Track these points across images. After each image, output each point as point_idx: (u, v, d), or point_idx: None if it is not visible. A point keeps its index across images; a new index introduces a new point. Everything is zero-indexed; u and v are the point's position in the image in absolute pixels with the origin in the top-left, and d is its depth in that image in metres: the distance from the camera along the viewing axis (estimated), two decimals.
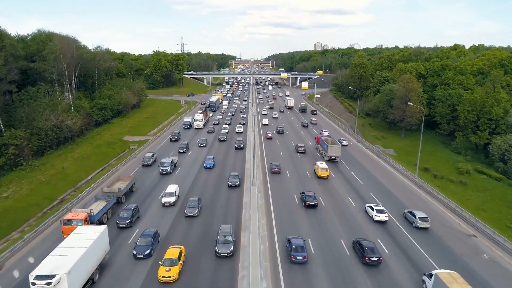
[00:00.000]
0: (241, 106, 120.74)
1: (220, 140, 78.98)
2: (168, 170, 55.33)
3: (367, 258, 30.95)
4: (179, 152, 68.03)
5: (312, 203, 42.89)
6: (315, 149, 72.14)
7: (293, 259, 31.08)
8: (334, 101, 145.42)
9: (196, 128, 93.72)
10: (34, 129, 62.02)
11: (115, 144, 76.80)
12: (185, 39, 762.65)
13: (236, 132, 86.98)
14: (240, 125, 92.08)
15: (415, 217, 39.34)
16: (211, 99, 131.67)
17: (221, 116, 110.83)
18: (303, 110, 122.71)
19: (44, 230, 37.96)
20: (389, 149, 75.64)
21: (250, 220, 38.95)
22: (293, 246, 31.72)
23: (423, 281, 28.79)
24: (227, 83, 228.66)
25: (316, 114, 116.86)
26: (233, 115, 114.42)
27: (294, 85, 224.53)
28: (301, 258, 31.05)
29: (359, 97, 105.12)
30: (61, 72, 79.96)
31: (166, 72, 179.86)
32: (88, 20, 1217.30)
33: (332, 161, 62.90)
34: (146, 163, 60.45)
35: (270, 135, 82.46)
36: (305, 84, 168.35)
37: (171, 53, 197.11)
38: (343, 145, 72.87)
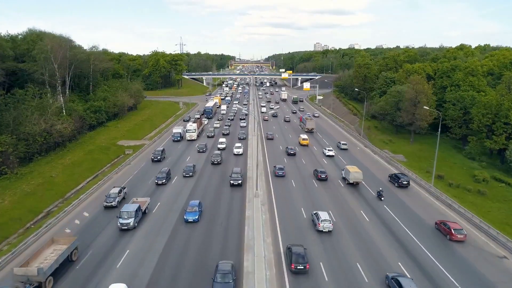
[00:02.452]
0: (242, 111, 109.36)
1: (213, 163, 61.10)
2: (131, 224, 36.98)
3: (319, 176, 53.48)
4: (157, 184, 50.66)
5: (292, 152, 67.55)
6: (298, 126, 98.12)
7: (277, 174, 54.74)
8: (337, 102, 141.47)
9: (188, 140, 78.53)
10: (21, 134, 58.04)
11: (109, 149, 72.65)
12: (184, 39, 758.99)
13: (234, 154, 66.63)
14: (239, 144, 69.86)
15: (340, 143, 74.56)
16: (206, 105, 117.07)
17: (218, 125, 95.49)
18: (295, 102, 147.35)
19: (23, 251, 33.83)
20: (399, 155, 71.60)
21: None
22: (277, 168, 55.76)
23: (342, 173, 55.18)
24: (226, 85, 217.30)
25: (302, 101, 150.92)
26: (232, 119, 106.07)
27: (295, 85, 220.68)
28: (281, 173, 54.67)
29: (366, 99, 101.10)
30: (52, 73, 75.98)
31: (164, 72, 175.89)
32: (87, 20, 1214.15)
33: (309, 132, 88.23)
34: (110, 203, 42.94)
35: (267, 117, 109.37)
36: (307, 85, 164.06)
37: (170, 54, 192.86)
38: (315, 116, 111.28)
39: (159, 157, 63.05)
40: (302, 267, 29.41)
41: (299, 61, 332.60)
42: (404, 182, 51.71)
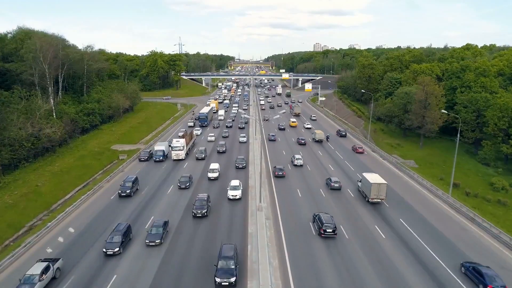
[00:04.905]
0: (241, 118, 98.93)
1: (195, 216, 40.05)
2: None
3: (300, 141, 76.75)
4: (105, 254, 32.22)
5: (282, 127, 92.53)
6: (289, 112, 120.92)
7: (270, 139, 79.06)
8: (339, 104, 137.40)
9: (174, 160, 62.63)
10: (6, 139, 53.79)
11: (102, 154, 68.47)
12: (184, 40, 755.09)
13: (229, 199, 45.00)
14: (237, 183, 47.07)
15: (311, 116, 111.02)
16: (201, 111, 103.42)
17: (212, 138, 78.79)
18: (288, 96, 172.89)
19: None
20: (409, 160, 67.57)
21: None
22: (270, 134, 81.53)
23: (311, 135, 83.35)
24: (225, 87, 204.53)
25: (317, 96, 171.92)
26: (230, 126, 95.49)
27: (295, 86, 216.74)
28: (273, 138, 79.35)
29: (373, 101, 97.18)
30: (42, 74, 71.82)
31: (162, 73, 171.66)
32: (86, 21, 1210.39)
33: (296, 115, 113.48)
34: None
35: (264, 108, 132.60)
36: (308, 86, 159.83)
37: (168, 54, 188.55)
38: (299, 102, 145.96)
39: (128, 191, 45.65)
40: (281, 174, 54.09)
41: (299, 61, 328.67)
42: (343, 133, 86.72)
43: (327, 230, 34.61)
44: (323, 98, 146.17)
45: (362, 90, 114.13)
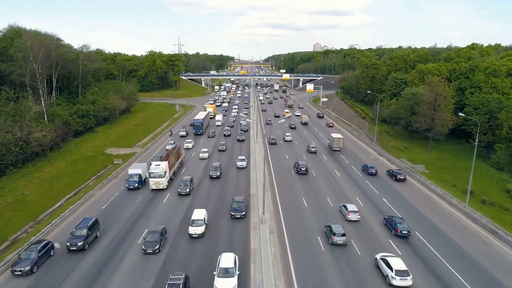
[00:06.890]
0: (240, 126, 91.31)
1: None
2: None
3: (292, 126, 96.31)
4: None
5: (278, 115, 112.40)
6: (283, 104, 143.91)
7: (267, 123, 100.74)
8: (342, 105, 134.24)
9: (153, 190, 47.91)
10: None
11: (96, 158, 65.19)
12: (183, 40, 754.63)
13: None
14: (230, 264, 27.53)
15: (299, 105, 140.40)
16: (196, 117, 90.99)
17: (205, 154, 64.05)
18: (284, 92, 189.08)
19: None
20: (419, 165, 64.25)
21: None
22: (267, 119, 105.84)
23: (299, 120, 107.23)
24: (224, 88, 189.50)
25: (288, 91, 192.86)
26: (228, 135, 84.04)
27: (296, 87, 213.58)
28: (270, 122, 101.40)
29: (379, 102, 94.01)
30: (34, 74, 68.57)
31: (161, 73, 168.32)
32: (85, 21, 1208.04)
33: (290, 107, 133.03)
34: None
35: (263, 102, 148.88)
36: (310, 87, 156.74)
37: (167, 54, 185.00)
38: (291, 95, 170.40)
39: (81, 244, 32.21)
40: (274, 142, 76.04)
41: (299, 61, 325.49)
42: (320, 115, 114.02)
43: (302, 169, 54.01)
44: (325, 99, 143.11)
45: (368, 91, 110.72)
